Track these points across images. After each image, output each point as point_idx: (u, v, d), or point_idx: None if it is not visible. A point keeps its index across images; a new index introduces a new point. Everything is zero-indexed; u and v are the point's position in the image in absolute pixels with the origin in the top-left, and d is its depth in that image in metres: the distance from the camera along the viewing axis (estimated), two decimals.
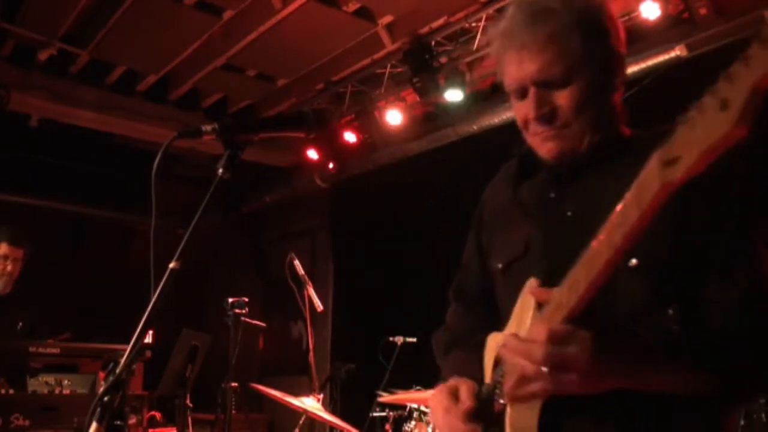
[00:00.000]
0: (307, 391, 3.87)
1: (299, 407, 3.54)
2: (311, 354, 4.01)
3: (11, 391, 3.52)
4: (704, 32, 4.40)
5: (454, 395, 1.37)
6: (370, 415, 4.42)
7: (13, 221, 4.53)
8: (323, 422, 3.84)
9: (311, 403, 3.60)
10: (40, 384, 3.60)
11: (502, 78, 1.38)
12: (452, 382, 1.41)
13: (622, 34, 1.37)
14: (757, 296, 1.18)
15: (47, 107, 6.17)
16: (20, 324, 4.03)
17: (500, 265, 1.46)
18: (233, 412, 3.61)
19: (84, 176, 7.69)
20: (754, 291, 1.19)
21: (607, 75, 1.33)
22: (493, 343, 1.42)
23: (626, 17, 4.85)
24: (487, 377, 1.41)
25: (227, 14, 5.21)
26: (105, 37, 5.46)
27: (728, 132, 0.90)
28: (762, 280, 1.20)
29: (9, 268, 4.10)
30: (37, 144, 7.09)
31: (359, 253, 7.00)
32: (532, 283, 1.29)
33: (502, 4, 4.89)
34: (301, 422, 3.72)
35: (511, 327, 1.34)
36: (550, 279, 1.21)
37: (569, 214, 1.34)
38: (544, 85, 1.29)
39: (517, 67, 1.31)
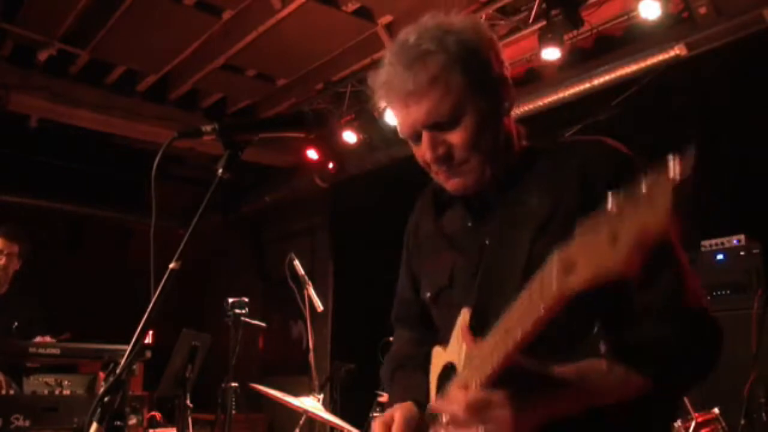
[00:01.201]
0: (307, 391, 3.87)
1: (299, 407, 3.54)
2: (311, 354, 4.01)
3: (11, 392, 3.52)
4: (704, 32, 4.40)
5: (388, 425, 1.39)
6: (370, 415, 4.42)
7: (13, 221, 4.52)
8: (323, 422, 3.84)
9: (311, 403, 3.60)
10: (40, 384, 3.59)
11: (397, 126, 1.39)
12: (388, 412, 1.43)
13: (502, 56, 1.36)
14: (678, 297, 1.22)
15: (47, 107, 6.17)
16: (15, 324, 4.03)
17: (429, 294, 1.50)
18: (233, 412, 3.61)
19: (84, 176, 7.70)
20: (677, 292, 1.22)
21: (494, 103, 1.33)
22: (437, 357, 1.45)
23: (626, 17, 4.86)
24: (432, 390, 1.44)
25: (227, 14, 5.21)
26: (105, 37, 5.46)
27: (616, 268, 0.87)
28: (682, 281, 1.23)
29: (3, 261, 4.11)
30: (37, 144, 7.09)
31: (359, 253, 7.00)
32: (464, 314, 1.30)
33: (501, 4, 4.89)
34: (301, 422, 3.72)
35: (452, 345, 1.36)
36: (477, 308, 1.26)
37: (487, 242, 1.36)
38: (435, 127, 1.30)
39: (405, 115, 1.32)
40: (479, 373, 1.13)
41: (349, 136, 6.24)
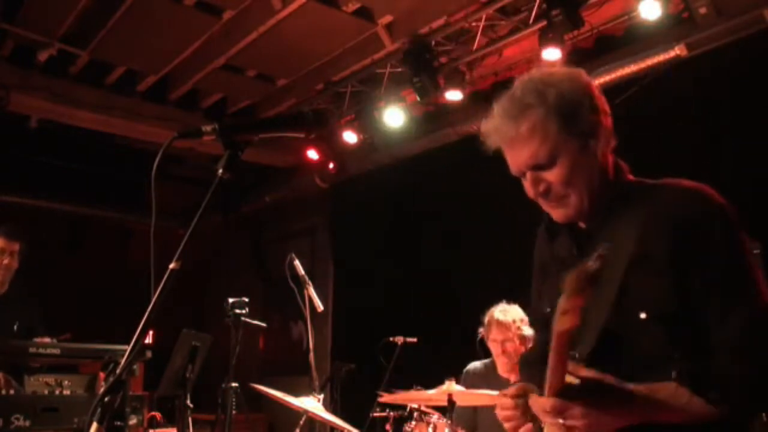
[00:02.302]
0: (307, 391, 3.86)
1: (299, 407, 3.53)
2: (311, 354, 4.01)
3: (11, 391, 3.51)
4: (704, 32, 4.40)
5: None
6: (371, 415, 4.42)
7: (12, 220, 4.53)
8: (323, 422, 3.84)
9: (311, 403, 3.59)
10: (40, 384, 3.59)
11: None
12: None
13: (597, 100, 1.57)
14: (754, 331, 1.39)
15: (47, 108, 6.17)
16: (16, 323, 4.04)
17: (548, 310, 1.67)
18: (233, 412, 3.60)
19: (84, 176, 7.70)
20: (752, 326, 1.39)
21: (588, 144, 1.53)
22: None
23: (626, 17, 4.86)
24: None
25: (227, 14, 5.21)
26: (105, 38, 5.46)
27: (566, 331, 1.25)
28: (758, 313, 1.41)
29: (6, 261, 4.13)
30: (37, 144, 7.09)
31: (359, 253, 7.00)
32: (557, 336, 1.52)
33: (501, 4, 4.89)
34: (301, 422, 3.72)
35: None
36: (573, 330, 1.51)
37: None
38: (536, 168, 1.53)
39: (512, 159, 1.57)
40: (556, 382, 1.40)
41: (350, 136, 6.25)
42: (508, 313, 3.66)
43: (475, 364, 3.92)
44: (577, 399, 1.38)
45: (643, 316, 1.43)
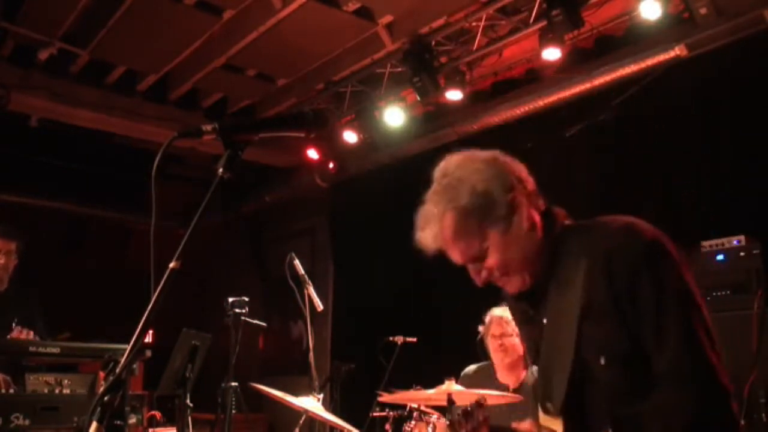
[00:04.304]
0: (307, 391, 3.86)
1: (299, 407, 3.53)
2: (311, 354, 4.01)
3: (11, 390, 3.51)
4: (704, 32, 4.40)
5: None
6: (370, 414, 4.42)
7: (13, 221, 4.53)
8: (323, 422, 3.84)
9: (311, 403, 3.59)
10: (40, 384, 3.59)
11: None
12: None
13: (511, 175, 1.67)
14: (684, 359, 1.48)
15: (47, 107, 6.17)
16: (15, 320, 4.04)
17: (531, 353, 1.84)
18: (233, 411, 3.60)
19: (84, 176, 7.69)
20: (681, 355, 1.48)
21: (511, 222, 1.63)
22: None
23: (626, 17, 4.86)
24: None
25: (227, 14, 5.21)
26: (105, 37, 5.46)
27: None
28: (684, 336, 1.49)
29: (3, 261, 4.14)
30: (37, 144, 7.08)
31: (359, 253, 7.00)
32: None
33: (501, 4, 4.89)
34: (301, 422, 3.72)
35: None
36: (540, 374, 1.70)
37: (545, 321, 1.69)
38: (473, 261, 1.67)
39: (451, 256, 1.70)
40: None
41: (350, 136, 6.24)
42: (507, 310, 3.66)
43: (472, 367, 3.91)
44: None
45: (602, 361, 1.53)
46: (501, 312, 3.68)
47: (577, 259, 1.59)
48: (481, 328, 3.83)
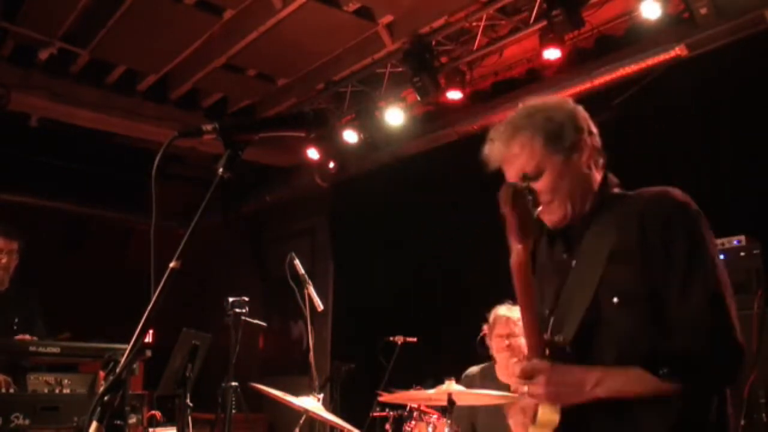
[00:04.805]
0: (307, 391, 3.86)
1: (299, 407, 3.53)
2: (311, 353, 4.01)
3: (11, 390, 3.51)
4: (704, 32, 4.40)
5: None
6: (370, 414, 4.42)
7: (13, 221, 4.53)
8: (323, 422, 3.84)
9: (311, 403, 3.59)
10: (40, 383, 3.59)
11: None
12: None
13: (584, 122, 1.81)
14: (710, 309, 1.54)
15: (47, 107, 6.17)
16: (16, 320, 4.05)
17: (547, 312, 1.85)
18: (233, 411, 3.60)
19: (84, 176, 7.69)
20: (706, 302, 1.55)
21: (572, 158, 1.76)
22: None
23: (627, 17, 4.86)
24: None
25: (227, 14, 5.21)
26: (105, 37, 5.46)
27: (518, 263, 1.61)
28: (712, 291, 1.56)
29: (4, 261, 4.16)
30: (37, 144, 7.08)
31: (359, 253, 7.00)
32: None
33: (502, 4, 4.89)
34: (301, 422, 3.72)
35: None
36: (557, 311, 1.76)
37: (573, 264, 1.78)
38: (526, 179, 1.73)
39: (507, 173, 1.80)
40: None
41: (350, 136, 6.24)
42: (513, 310, 3.65)
43: (473, 369, 3.90)
44: (543, 370, 1.59)
45: (615, 300, 1.61)
46: (506, 311, 3.66)
47: (617, 213, 1.71)
48: (485, 327, 3.81)
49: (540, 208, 1.71)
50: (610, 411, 1.57)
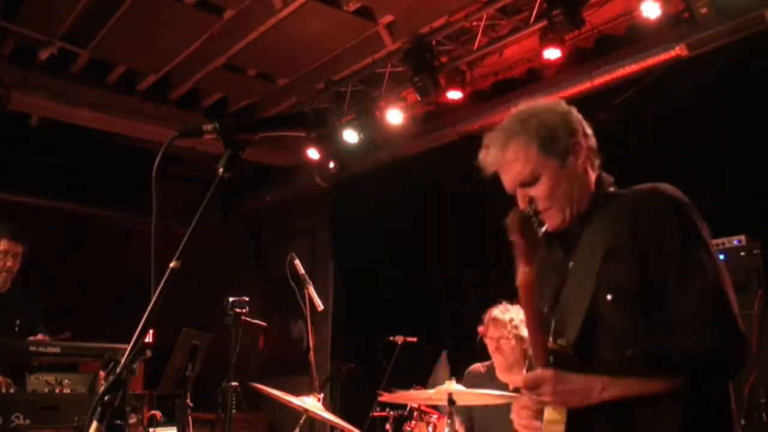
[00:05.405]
0: (307, 391, 3.86)
1: (299, 407, 3.53)
2: (311, 353, 4.01)
3: (11, 390, 3.51)
4: (704, 32, 4.40)
5: None
6: (371, 414, 4.42)
7: (13, 221, 4.53)
8: (323, 422, 3.84)
9: (311, 403, 3.59)
10: (40, 383, 3.59)
11: None
12: None
13: (578, 124, 1.81)
14: (709, 303, 1.55)
15: (47, 107, 6.17)
16: (17, 322, 4.05)
17: (545, 310, 1.85)
18: (233, 411, 3.60)
19: (84, 176, 7.69)
20: (706, 294, 1.55)
21: (567, 162, 1.76)
22: None
23: (627, 17, 4.86)
24: None
25: (228, 14, 5.21)
26: (105, 37, 5.46)
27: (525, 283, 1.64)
28: (711, 283, 1.56)
29: (9, 263, 4.17)
30: (37, 143, 7.08)
31: (359, 253, 7.00)
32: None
33: (502, 4, 4.89)
34: (301, 422, 3.72)
35: None
36: (558, 312, 1.75)
37: (570, 265, 1.78)
38: (523, 185, 1.77)
39: (504, 180, 1.81)
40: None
41: (350, 136, 6.24)
42: (507, 312, 3.66)
43: (477, 366, 3.91)
44: (550, 374, 1.59)
45: (609, 297, 1.62)
46: (499, 314, 3.67)
47: (611, 212, 1.72)
48: (480, 329, 3.82)
49: (545, 228, 1.71)
50: (617, 410, 1.57)
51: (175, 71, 6.15)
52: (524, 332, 3.58)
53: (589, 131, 1.84)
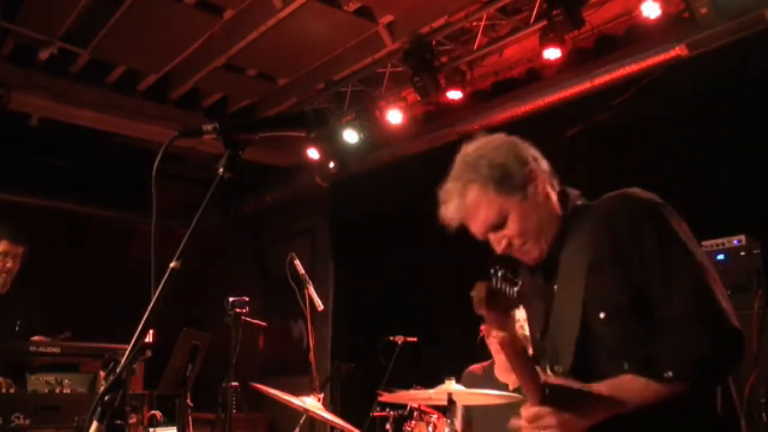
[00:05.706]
0: (307, 391, 3.86)
1: (300, 407, 3.53)
2: (312, 353, 4.01)
3: (11, 390, 3.51)
4: (704, 32, 4.40)
5: None
6: (371, 414, 4.42)
7: (13, 221, 4.53)
8: (324, 422, 3.84)
9: (312, 403, 3.59)
10: (40, 383, 3.59)
11: None
12: None
13: (525, 152, 1.79)
14: (695, 302, 1.53)
15: (48, 107, 6.17)
16: (18, 322, 4.04)
17: (538, 335, 1.88)
18: (233, 411, 3.61)
19: (84, 176, 7.69)
20: (691, 294, 1.53)
21: (527, 192, 1.75)
22: None
23: (626, 16, 4.86)
24: None
25: (228, 14, 5.21)
26: (105, 37, 5.47)
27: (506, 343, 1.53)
28: (694, 282, 1.55)
29: (9, 264, 4.16)
30: (37, 143, 7.08)
31: (359, 253, 7.00)
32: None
33: (502, 4, 4.89)
34: (301, 422, 3.72)
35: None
36: (548, 336, 1.76)
37: (555, 287, 1.77)
38: (492, 230, 1.77)
39: (472, 229, 1.80)
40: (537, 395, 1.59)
41: (350, 136, 6.24)
42: None
43: (474, 367, 3.91)
44: (549, 407, 1.56)
45: (602, 316, 1.60)
46: None
47: (585, 226, 1.70)
48: (482, 328, 3.82)
49: (518, 287, 1.66)
50: (622, 420, 1.56)
51: (175, 71, 6.15)
52: (527, 331, 3.58)
53: (537, 155, 1.83)
